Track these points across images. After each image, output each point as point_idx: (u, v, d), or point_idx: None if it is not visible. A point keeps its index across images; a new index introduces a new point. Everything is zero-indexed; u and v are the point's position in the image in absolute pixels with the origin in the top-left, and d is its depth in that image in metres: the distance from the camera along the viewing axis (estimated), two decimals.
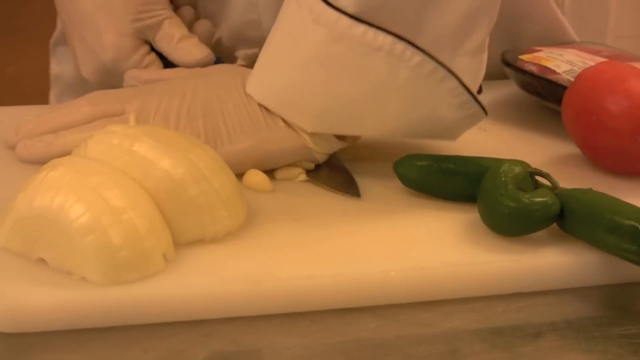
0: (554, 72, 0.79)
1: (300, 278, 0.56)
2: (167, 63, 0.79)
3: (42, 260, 0.56)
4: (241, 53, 0.84)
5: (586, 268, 0.59)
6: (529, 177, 0.62)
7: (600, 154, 0.70)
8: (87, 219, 0.54)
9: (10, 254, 0.57)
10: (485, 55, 0.68)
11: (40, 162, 0.62)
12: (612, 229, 0.57)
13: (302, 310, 0.55)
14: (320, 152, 0.69)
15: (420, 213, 0.64)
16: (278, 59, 0.68)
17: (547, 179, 0.62)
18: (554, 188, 0.61)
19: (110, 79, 0.79)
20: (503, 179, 0.60)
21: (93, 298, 0.54)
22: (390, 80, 0.64)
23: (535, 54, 0.83)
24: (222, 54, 0.83)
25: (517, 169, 0.61)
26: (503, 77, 0.86)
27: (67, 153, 0.62)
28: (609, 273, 0.59)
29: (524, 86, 0.83)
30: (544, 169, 0.62)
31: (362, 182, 0.69)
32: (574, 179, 0.64)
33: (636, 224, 0.56)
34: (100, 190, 0.55)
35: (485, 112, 0.68)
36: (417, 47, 0.63)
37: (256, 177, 0.67)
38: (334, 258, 0.58)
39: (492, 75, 0.90)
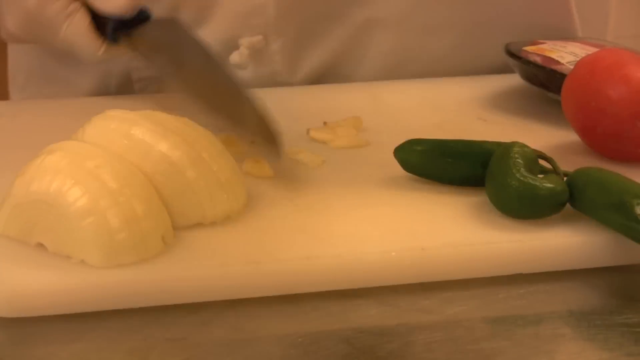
0: (557, 62, 0.79)
1: (299, 259, 0.56)
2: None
3: (41, 246, 0.56)
4: (244, 41, 0.82)
5: (590, 249, 0.58)
6: (537, 160, 0.62)
7: (600, 140, 0.70)
8: (85, 201, 0.54)
9: (9, 240, 0.57)
10: None
11: None
12: (619, 205, 0.57)
13: (302, 292, 0.55)
14: None
15: (421, 196, 0.64)
16: None
17: (550, 163, 0.62)
18: (558, 172, 0.61)
19: (35, 29, 0.76)
20: (514, 159, 0.60)
21: (92, 281, 0.54)
22: None
23: (540, 46, 0.83)
24: (221, 41, 0.81)
25: (528, 150, 0.61)
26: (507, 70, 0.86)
27: None
28: (615, 254, 0.58)
29: (528, 77, 0.83)
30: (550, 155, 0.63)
31: (362, 169, 0.69)
32: (575, 166, 0.63)
33: None
34: (98, 173, 0.55)
35: None
36: None
37: (256, 163, 0.67)
38: (334, 239, 0.58)
39: (495, 69, 0.90)
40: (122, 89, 0.92)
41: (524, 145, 0.62)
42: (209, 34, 0.84)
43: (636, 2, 1.95)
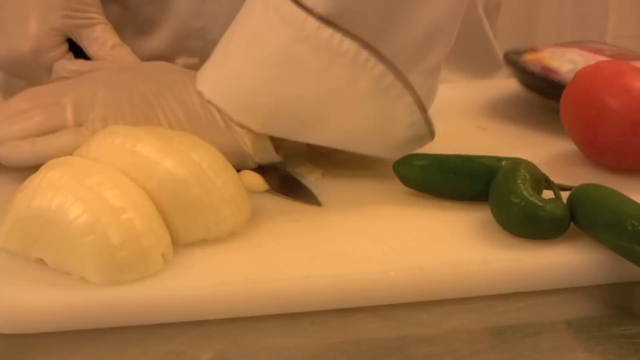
0: (556, 71, 0.79)
1: (299, 278, 0.56)
2: None
3: (41, 261, 0.56)
4: (181, 61, 0.82)
5: (589, 268, 0.58)
6: (542, 180, 0.62)
7: (601, 151, 0.70)
8: (86, 219, 0.54)
9: (9, 255, 0.57)
10: (438, 79, 0.68)
11: None
12: (612, 225, 0.57)
13: (301, 311, 0.55)
14: (256, 160, 0.68)
15: (420, 213, 0.64)
16: (237, 57, 0.66)
17: (552, 188, 0.62)
18: (558, 197, 0.61)
19: (20, 69, 0.77)
20: (522, 177, 0.60)
21: (92, 298, 0.54)
22: (349, 88, 0.64)
23: (538, 54, 0.83)
24: (158, 57, 0.81)
25: (536, 170, 0.61)
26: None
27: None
28: (612, 272, 0.58)
29: (527, 86, 0.83)
30: (545, 168, 0.63)
31: (362, 183, 0.69)
32: (574, 177, 0.63)
33: (635, 222, 0.56)
34: (99, 190, 0.55)
35: (433, 136, 0.68)
36: (380, 57, 0.63)
37: (252, 178, 0.67)
38: (333, 258, 0.58)
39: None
40: None
41: (531, 164, 0.62)
42: (150, 48, 0.84)
43: (636, 2, 1.96)
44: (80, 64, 0.75)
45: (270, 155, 0.68)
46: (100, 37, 0.76)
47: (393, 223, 0.63)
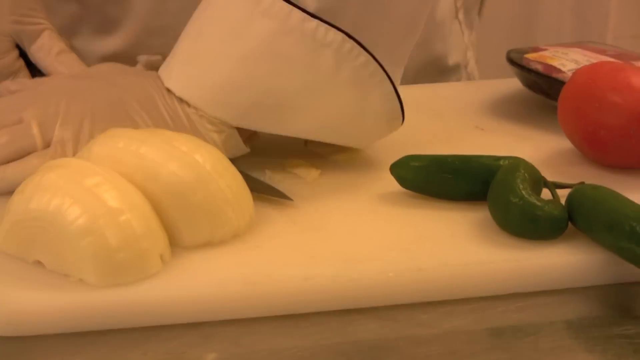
0: (559, 70, 0.79)
1: (297, 279, 0.56)
2: (34, 75, 0.77)
3: (39, 263, 0.56)
4: (143, 58, 0.81)
5: (587, 268, 0.58)
6: (541, 180, 0.62)
7: (601, 146, 0.70)
8: (85, 220, 0.54)
9: (7, 257, 0.57)
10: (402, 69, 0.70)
11: None
12: (610, 226, 0.57)
13: (301, 312, 0.55)
14: (227, 156, 0.65)
15: (418, 214, 0.64)
16: (211, 52, 0.66)
17: (550, 190, 0.62)
18: (556, 199, 0.61)
19: None
20: (521, 177, 0.60)
21: (91, 300, 0.54)
22: (332, 78, 0.65)
23: (541, 53, 0.83)
24: (121, 54, 0.81)
25: (535, 170, 0.61)
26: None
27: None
28: (610, 273, 0.58)
29: (529, 85, 0.83)
30: (543, 167, 0.63)
31: (359, 184, 0.69)
32: (573, 176, 0.63)
33: (634, 223, 0.56)
34: (97, 191, 0.55)
35: (402, 122, 0.69)
36: (363, 47, 0.64)
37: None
38: (332, 259, 0.58)
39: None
40: None
41: (530, 164, 0.62)
42: (110, 46, 0.84)
43: (636, 2, 1.96)
44: (18, 84, 0.73)
45: (239, 149, 0.69)
46: (46, 44, 0.76)
47: (391, 224, 0.63)
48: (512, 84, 0.86)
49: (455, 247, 0.59)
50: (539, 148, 0.74)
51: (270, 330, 0.54)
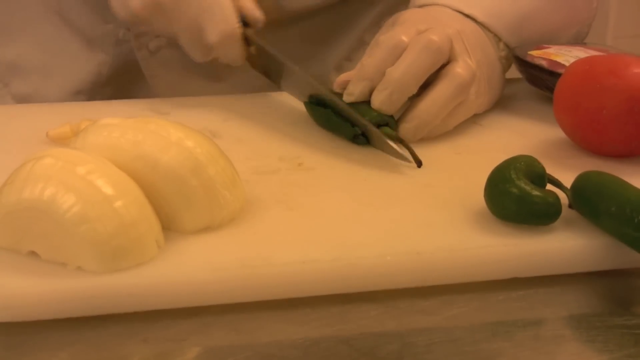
0: (563, 66, 0.79)
1: (295, 263, 0.56)
2: None
3: (33, 254, 0.56)
4: None
5: (588, 253, 0.58)
6: (544, 177, 0.62)
7: (599, 132, 0.70)
8: (80, 208, 0.54)
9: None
10: None
11: None
12: (613, 211, 0.57)
13: (298, 296, 0.55)
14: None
15: (415, 200, 0.64)
16: None
17: (552, 183, 0.62)
18: (563, 188, 0.61)
19: (158, 13, 0.79)
20: (514, 169, 0.60)
21: (91, 285, 0.53)
22: None
23: (545, 50, 0.84)
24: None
25: (536, 164, 0.61)
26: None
27: None
28: (613, 259, 0.58)
29: (533, 81, 0.83)
30: (544, 161, 0.63)
31: (357, 170, 0.69)
32: (573, 169, 0.63)
33: (635, 208, 0.56)
34: (90, 179, 0.55)
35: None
36: None
37: None
38: (329, 243, 0.58)
39: None
40: (113, 80, 0.93)
41: (532, 159, 0.62)
42: None
43: (636, 2, 1.95)
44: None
45: None
46: None
47: (388, 210, 0.63)
48: (511, 80, 0.86)
49: (453, 232, 0.59)
50: (538, 143, 0.74)
51: (271, 318, 0.54)
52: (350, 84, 0.74)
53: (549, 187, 0.61)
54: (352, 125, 0.72)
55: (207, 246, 0.57)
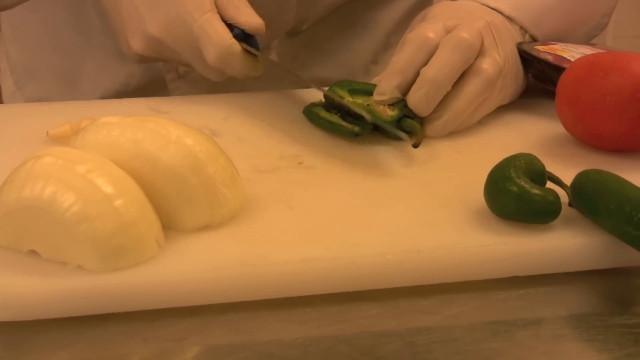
0: (569, 61, 0.79)
1: (295, 262, 0.56)
2: None
3: (33, 253, 0.56)
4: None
5: (588, 252, 0.58)
6: (544, 175, 0.62)
7: (599, 127, 0.70)
8: (80, 206, 0.54)
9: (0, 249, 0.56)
10: None
11: None
12: (612, 209, 0.57)
13: (298, 295, 0.55)
14: None
15: (415, 198, 0.64)
16: None
17: (557, 184, 0.62)
18: (564, 186, 0.61)
19: (161, 49, 0.79)
20: (514, 167, 0.60)
21: (91, 285, 0.53)
22: None
23: (551, 46, 0.84)
24: None
25: (535, 162, 0.61)
26: None
27: None
28: (612, 257, 0.58)
29: (538, 75, 0.84)
30: (543, 158, 0.62)
31: (357, 168, 0.69)
32: (575, 167, 0.63)
33: (634, 206, 0.56)
34: (90, 177, 0.55)
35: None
36: None
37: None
38: (329, 242, 0.58)
39: None
40: (138, 91, 0.94)
41: (532, 157, 0.62)
42: None
43: (636, 3, 1.96)
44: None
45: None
46: None
47: (389, 209, 0.63)
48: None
49: (453, 231, 0.59)
50: (538, 141, 0.74)
51: (271, 317, 0.54)
52: (381, 82, 0.74)
53: (549, 184, 0.62)
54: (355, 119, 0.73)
55: (207, 245, 0.57)
